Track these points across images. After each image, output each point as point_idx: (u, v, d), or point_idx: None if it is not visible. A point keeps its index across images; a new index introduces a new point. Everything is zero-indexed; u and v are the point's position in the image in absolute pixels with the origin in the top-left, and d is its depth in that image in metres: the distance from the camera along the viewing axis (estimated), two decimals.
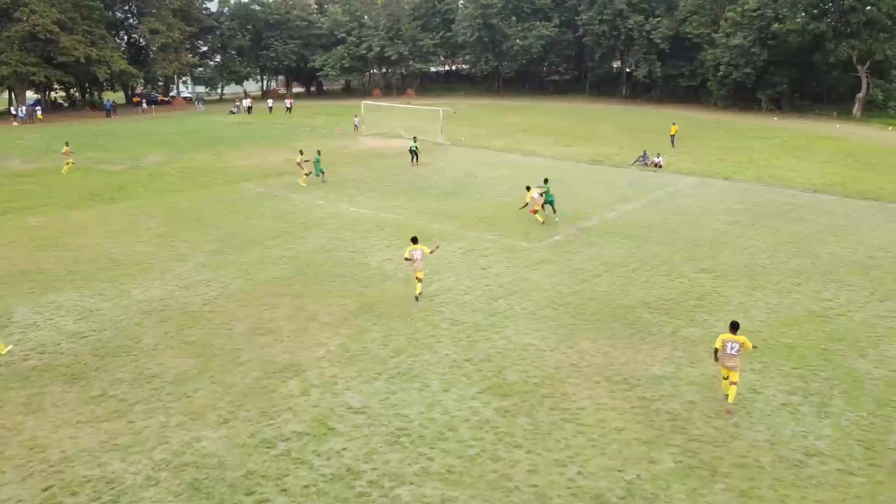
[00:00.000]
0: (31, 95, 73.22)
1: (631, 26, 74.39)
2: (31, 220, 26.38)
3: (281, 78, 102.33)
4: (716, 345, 12.69)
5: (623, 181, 34.10)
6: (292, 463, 10.90)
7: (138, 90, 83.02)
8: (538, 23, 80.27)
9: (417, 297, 17.82)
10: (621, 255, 21.76)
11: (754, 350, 13.22)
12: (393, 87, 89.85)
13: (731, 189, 32.41)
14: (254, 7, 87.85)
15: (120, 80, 76.14)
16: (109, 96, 79.03)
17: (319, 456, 11.08)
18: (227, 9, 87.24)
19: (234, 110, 69.97)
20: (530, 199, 25.19)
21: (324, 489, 10.26)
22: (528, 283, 19.13)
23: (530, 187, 25.91)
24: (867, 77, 61.59)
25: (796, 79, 66.25)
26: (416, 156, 38.22)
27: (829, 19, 61.34)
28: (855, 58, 60.49)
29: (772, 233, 24.46)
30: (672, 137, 45.77)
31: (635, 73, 77.41)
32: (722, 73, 66.15)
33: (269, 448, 11.30)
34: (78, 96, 77.34)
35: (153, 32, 73.60)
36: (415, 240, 17.90)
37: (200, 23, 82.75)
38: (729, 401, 12.50)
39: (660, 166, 37.59)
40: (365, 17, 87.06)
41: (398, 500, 10.03)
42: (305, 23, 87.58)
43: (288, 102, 70.70)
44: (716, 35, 66.29)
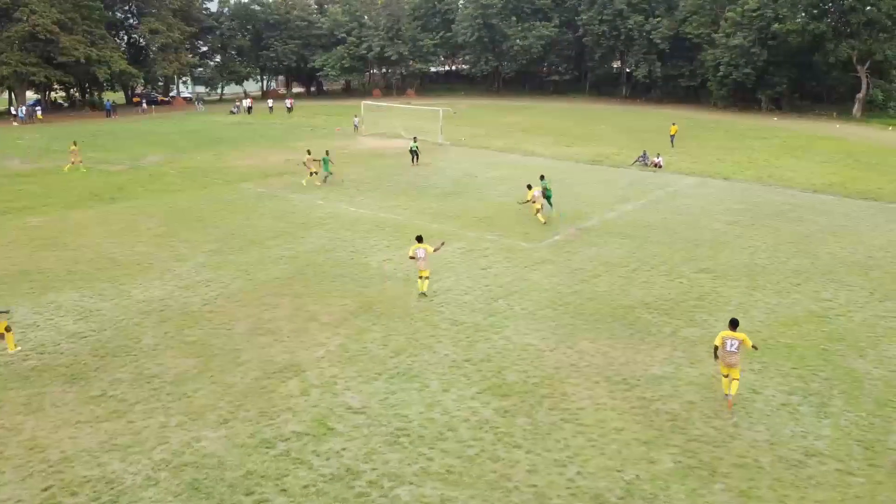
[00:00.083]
0: (31, 95, 73.19)
1: (631, 26, 74.42)
2: (30, 220, 26.38)
3: (281, 78, 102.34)
4: (715, 342, 12.72)
5: (623, 181, 34.11)
6: (292, 463, 10.91)
7: (138, 90, 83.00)
8: (538, 23, 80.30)
9: (425, 294, 17.93)
10: (621, 256, 21.77)
11: (755, 351, 13.23)
12: (393, 87, 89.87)
13: (731, 189, 32.42)
14: (254, 7, 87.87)
15: (120, 80, 76.12)
16: (109, 96, 79.03)
17: (319, 456, 11.09)
18: (227, 9, 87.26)
19: (234, 110, 69.96)
20: (532, 196, 25.48)
21: (323, 489, 10.27)
22: (528, 284, 19.14)
23: (531, 186, 26.19)
24: (867, 77, 61.60)
25: (796, 79, 66.27)
26: (416, 156, 38.29)
27: (829, 19, 61.34)
28: (855, 58, 60.50)
29: (771, 233, 24.47)
30: (672, 137, 45.77)
31: (635, 74, 77.45)
32: (722, 74, 66.17)
33: (268, 448, 11.31)
34: (78, 96, 77.31)
35: (153, 32, 73.62)
36: (420, 238, 17.99)
37: (200, 23, 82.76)
38: (732, 392, 12.50)
39: (660, 166, 37.60)
40: (365, 17, 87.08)
41: (398, 500, 10.04)
42: (305, 23, 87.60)
43: (288, 102, 70.78)
44: (716, 35, 66.30)
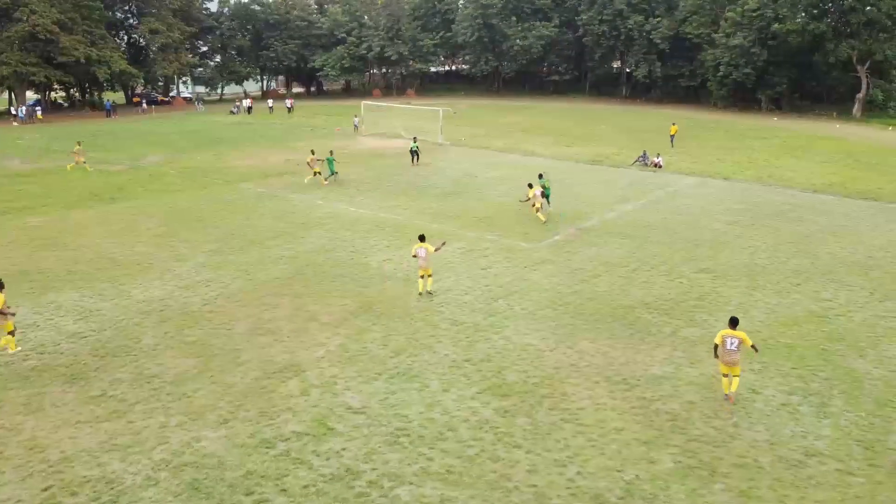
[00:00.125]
0: (31, 95, 73.20)
1: (631, 26, 74.46)
2: (30, 220, 26.38)
3: (281, 78, 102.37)
4: (715, 341, 12.76)
5: (623, 181, 34.11)
6: (292, 463, 10.91)
7: (138, 90, 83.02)
8: (538, 23, 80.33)
9: (430, 292, 17.99)
10: (621, 256, 21.77)
11: (755, 352, 13.23)
12: (393, 88, 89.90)
13: (731, 189, 32.41)
14: (254, 7, 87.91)
15: (120, 81, 76.15)
16: (109, 96, 79.05)
17: (319, 456, 11.09)
18: (227, 9, 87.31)
19: (234, 110, 69.97)
20: (532, 195, 25.60)
21: (323, 489, 10.27)
22: (528, 284, 19.14)
23: (532, 185, 26.26)
24: (867, 77, 61.62)
25: (796, 79, 66.31)
26: (416, 156, 38.29)
27: (829, 19, 61.38)
28: (855, 58, 60.53)
29: (771, 233, 24.47)
30: (672, 137, 45.78)
31: (635, 74, 77.48)
32: (722, 74, 66.20)
33: (268, 448, 11.31)
34: (78, 96, 77.33)
35: (153, 32, 73.64)
36: (422, 238, 18.01)
37: (200, 23, 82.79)
38: (732, 390, 12.53)
39: (660, 166, 37.60)
40: (365, 18, 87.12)
41: (397, 500, 10.03)
42: (305, 23, 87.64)
43: (289, 103, 70.82)
44: (716, 35, 66.33)
